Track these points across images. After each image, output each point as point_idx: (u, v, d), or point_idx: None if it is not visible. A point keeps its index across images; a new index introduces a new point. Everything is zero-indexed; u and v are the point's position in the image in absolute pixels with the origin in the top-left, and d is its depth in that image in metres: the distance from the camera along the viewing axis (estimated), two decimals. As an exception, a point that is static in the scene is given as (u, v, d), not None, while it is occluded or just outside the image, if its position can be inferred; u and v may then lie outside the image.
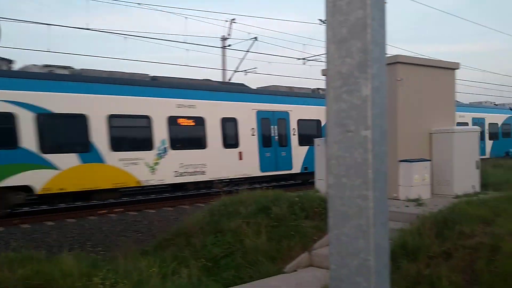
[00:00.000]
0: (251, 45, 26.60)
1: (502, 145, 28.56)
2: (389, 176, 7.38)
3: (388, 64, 10.08)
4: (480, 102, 31.22)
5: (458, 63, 11.24)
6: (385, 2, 1.49)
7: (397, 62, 9.96)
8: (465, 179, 10.23)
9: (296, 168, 19.24)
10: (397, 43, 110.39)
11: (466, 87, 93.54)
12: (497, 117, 28.66)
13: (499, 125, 28.68)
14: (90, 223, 13.16)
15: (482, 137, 25.95)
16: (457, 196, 9.59)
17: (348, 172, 1.51)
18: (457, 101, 29.28)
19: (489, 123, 27.96)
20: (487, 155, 26.61)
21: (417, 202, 9.33)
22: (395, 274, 6.62)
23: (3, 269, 6.32)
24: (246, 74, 27.22)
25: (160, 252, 9.14)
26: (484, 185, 10.70)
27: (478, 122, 26.72)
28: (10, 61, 14.48)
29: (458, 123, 24.52)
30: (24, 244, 9.61)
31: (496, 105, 31.24)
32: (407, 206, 9.09)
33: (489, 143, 27.62)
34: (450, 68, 11.15)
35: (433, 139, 10.52)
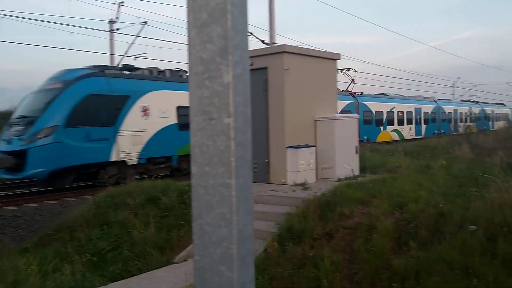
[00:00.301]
0: (141, 30, 25.89)
1: (431, 128, 37.89)
2: (277, 162, 7.61)
3: (276, 53, 10.37)
4: (415, 96, 40.11)
5: (339, 54, 11.85)
6: None
7: (283, 51, 10.21)
8: (346, 164, 10.86)
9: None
10: (288, 34, 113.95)
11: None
12: (428, 107, 37.94)
13: (429, 113, 37.93)
14: (-40, 221, 11.95)
15: (420, 122, 36.05)
16: (339, 180, 10.13)
17: (211, 160, 1.48)
18: (402, 95, 37.73)
19: (424, 112, 36.86)
20: (423, 136, 35.13)
21: (303, 186, 9.69)
22: (282, 257, 6.85)
23: None
24: (135, 59, 26.38)
25: (41, 249, 8.58)
26: (363, 169, 11.46)
27: (418, 111, 35.82)
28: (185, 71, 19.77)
29: (407, 112, 34.17)
30: None
31: (425, 98, 40.41)
32: (294, 191, 9.41)
33: (424, 127, 36.74)
34: (332, 58, 11.70)
35: (317, 126, 11.00)
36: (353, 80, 28.76)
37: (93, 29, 42.88)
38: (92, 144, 15.43)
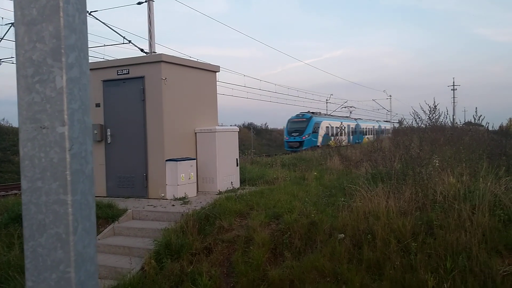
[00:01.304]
0: (7, 31, 24.27)
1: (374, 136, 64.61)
2: (156, 176, 7.27)
3: (153, 62, 10.13)
4: (370, 119, 67.64)
5: (218, 66, 11.88)
6: None
7: (161, 61, 9.96)
8: (227, 176, 10.89)
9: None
10: (170, 44, 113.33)
11: (230, 90, 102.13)
12: (375, 124, 64.73)
13: (376, 127, 63.70)
14: None
15: (372, 133, 60.44)
16: (219, 193, 10.13)
17: (43, 174, 1.32)
18: (362, 118, 69.64)
19: (375, 127, 63.44)
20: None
21: (183, 200, 9.53)
22: (160, 275, 6.61)
23: None
24: (0, 64, 24.22)
25: None
26: (243, 181, 11.59)
27: (372, 127, 62.26)
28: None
29: (373, 127, 66.76)
30: None
31: (369, 119, 68.68)
32: (174, 205, 9.20)
33: (373, 135, 60.54)
34: (212, 70, 11.71)
35: (198, 138, 10.90)
36: (351, 111, 61.60)
37: None
38: (314, 138, 41.11)
